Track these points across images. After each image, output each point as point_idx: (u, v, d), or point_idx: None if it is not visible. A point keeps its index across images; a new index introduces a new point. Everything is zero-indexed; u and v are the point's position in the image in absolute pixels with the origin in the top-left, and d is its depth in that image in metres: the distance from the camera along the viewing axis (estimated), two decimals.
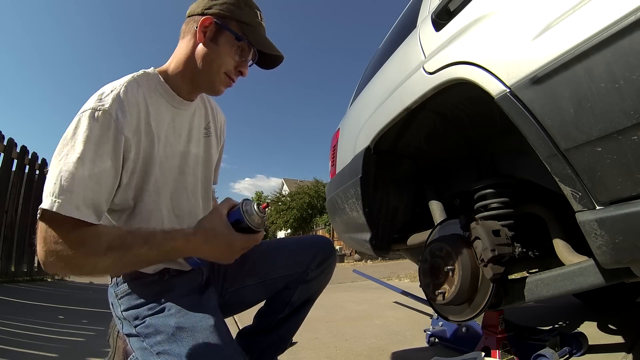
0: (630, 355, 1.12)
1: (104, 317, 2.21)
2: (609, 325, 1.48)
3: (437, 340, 1.51)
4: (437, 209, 1.20)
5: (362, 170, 1.27)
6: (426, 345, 1.50)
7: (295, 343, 1.14)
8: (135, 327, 0.74)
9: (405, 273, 5.00)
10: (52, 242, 0.60)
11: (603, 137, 0.56)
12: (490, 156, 1.10)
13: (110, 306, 0.82)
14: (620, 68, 0.52)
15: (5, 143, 3.32)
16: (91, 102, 0.67)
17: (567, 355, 1.14)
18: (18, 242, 3.54)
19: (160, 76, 0.80)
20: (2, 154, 3.31)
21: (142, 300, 0.75)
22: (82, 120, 0.65)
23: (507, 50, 0.70)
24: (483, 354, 1.02)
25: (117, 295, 0.79)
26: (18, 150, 3.50)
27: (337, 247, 11.81)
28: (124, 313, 0.76)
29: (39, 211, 0.61)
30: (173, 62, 0.81)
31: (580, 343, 1.15)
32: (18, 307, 2.34)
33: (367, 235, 1.34)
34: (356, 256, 11.44)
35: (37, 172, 3.88)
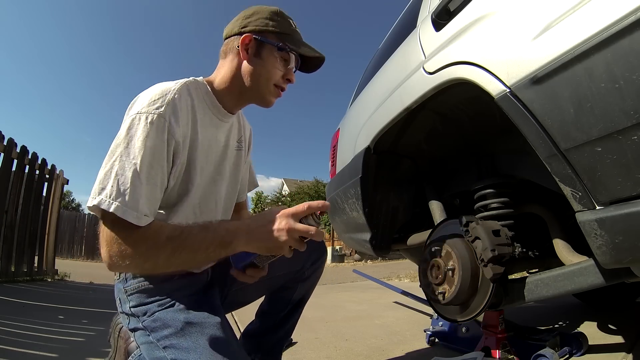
0: (630, 355, 1.12)
1: (104, 317, 2.21)
2: (609, 325, 1.48)
3: (437, 340, 1.51)
4: (437, 209, 1.20)
5: (362, 170, 1.27)
6: (426, 345, 1.50)
7: (295, 343, 1.14)
8: (143, 321, 0.75)
9: (405, 273, 5.00)
10: (116, 243, 0.63)
11: (603, 137, 0.56)
12: (490, 156, 1.10)
13: (117, 302, 0.82)
14: (620, 68, 0.52)
15: (5, 143, 3.32)
16: (145, 105, 0.68)
17: (567, 355, 1.14)
18: (18, 242, 3.54)
19: (208, 87, 0.82)
20: (2, 154, 3.31)
21: (152, 298, 0.77)
22: (136, 123, 0.67)
23: (507, 50, 0.70)
24: (483, 354, 1.02)
25: (126, 292, 0.80)
26: (18, 150, 3.50)
27: (337, 247, 11.81)
28: (132, 309, 0.77)
29: (93, 207, 0.63)
30: (218, 78, 0.83)
31: (580, 343, 1.15)
32: (18, 307, 2.34)
33: (367, 235, 1.34)
34: (356, 256, 11.43)
35: (37, 172, 3.88)
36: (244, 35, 0.78)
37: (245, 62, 0.80)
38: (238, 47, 0.79)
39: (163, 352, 0.70)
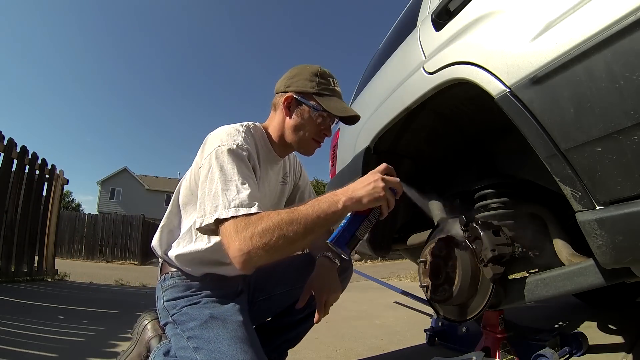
0: (630, 355, 1.12)
1: (104, 317, 2.21)
2: (609, 325, 1.48)
3: (437, 340, 1.51)
4: (437, 209, 1.20)
5: (362, 170, 1.27)
6: (426, 345, 1.50)
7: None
8: (172, 315, 0.85)
9: (405, 273, 5.00)
10: (241, 234, 0.68)
11: (603, 137, 0.56)
12: (490, 156, 1.10)
13: (156, 300, 0.93)
14: (620, 68, 0.52)
15: (5, 143, 3.32)
16: (223, 140, 0.81)
17: (567, 355, 1.14)
18: (18, 242, 3.54)
19: (264, 132, 0.95)
20: (2, 154, 3.30)
21: (183, 293, 0.87)
22: (220, 153, 0.79)
23: (507, 50, 0.70)
24: (483, 354, 1.02)
25: (163, 288, 0.90)
26: (18, 150, 3.50)
27: None
28: (165, 303, 0.87)
29: (214, 221, 0.72)
30: (270, 128, 0.96)
31: (580, 343, 1.15)
32: (18, 307, 2.34)
33: (367, 235, 1.34)
34: (356, 256, 11.43)
35: (37, 172, 3.88)
36: (286, 95, 0.90)
37: (287, 119, 0.92)
38: (282, 104, 0.91)
39: (187, 342, 0.78)
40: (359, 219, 0.77)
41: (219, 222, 0.72)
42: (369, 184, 0.74)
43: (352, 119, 0.94)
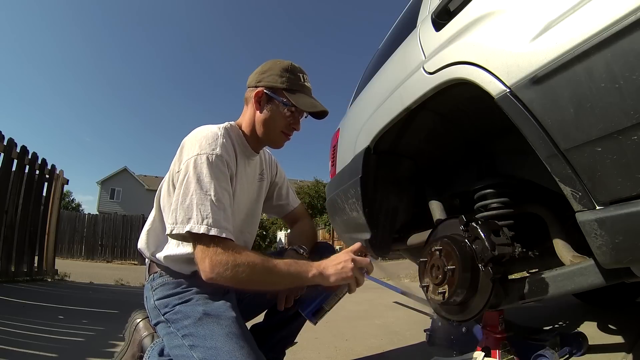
0: (630, 355, 1.12)
1: (104, 317, 2.21)
2: (609, 325, 1.48)
3: (437, 340, 1.51)
4: (437, 209, 1.20)
5: (362, 170, 1.27)
6: (426, 345, 1.50)
7: (295, 343, 1.15)
8: (164, 314, 0.85)
9: (405, 273, 5.00)
10: (214, 255, 0.75)
11: (603, 137, 0.55)
12: (490, 156, 1.10)
13: (145, 300, 0.94)
14: (620, 68, 0.52)
15: (5, 143, 3.32)
16: (203, 147, 0.83)
17: (567, 355, 1.14)
18: (18, 242, 3.54)
19: (239, 130, 0.98)
20: (2, 154, 3.30)
21: (174, 290, 0.88)
22: (199, 162, 0.81)
23: (507, 50, 0.70)
24: (483, 354, 1.02)
25: (152, 288, 0.91)
26: (18, 150, 3.50)
27: (338, 247, 11.79)
28: (156, 302, 0.88)
29: (185, 233, 0.77)
30: (244, 123, 0.99)
31: (580, 343, 1.15)
32: (18, 307, 2.34)
33: (367, 235, 1.34)
34: None
35: (37, 172, 3.88)
36: (257, 90, 0.94)
37: (257, 113, 0.96)
38: (253, 98, 0.94)
39: (182, 340, 0.78)
40: (327, 294, 0.89)
41: (191, 233, 0.77)
42: (338, 264, 0.82)
43: (320, 114, 0.97)
